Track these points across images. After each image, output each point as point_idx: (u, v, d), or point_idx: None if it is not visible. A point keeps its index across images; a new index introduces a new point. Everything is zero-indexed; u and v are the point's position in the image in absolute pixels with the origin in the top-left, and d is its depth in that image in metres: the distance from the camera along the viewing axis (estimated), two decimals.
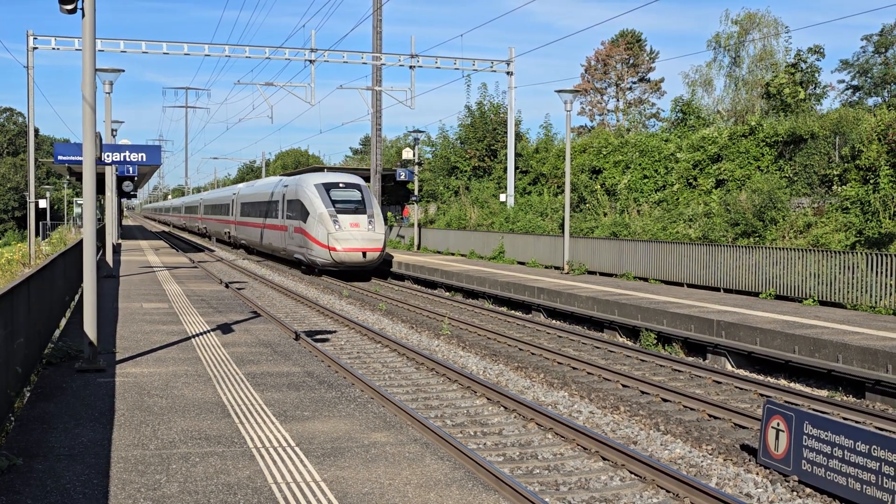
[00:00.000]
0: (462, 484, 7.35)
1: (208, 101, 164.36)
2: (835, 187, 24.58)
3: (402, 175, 41.46)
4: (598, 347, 17.75)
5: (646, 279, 24.83)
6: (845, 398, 13.23)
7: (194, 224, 79.54)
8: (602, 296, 20.75)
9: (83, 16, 11.91)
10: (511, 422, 11.57)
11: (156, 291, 23.16)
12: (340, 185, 34.43)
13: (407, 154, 45.80)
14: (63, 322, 17.71)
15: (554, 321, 21.83)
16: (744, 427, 11.18)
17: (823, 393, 13.60)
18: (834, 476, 8.47)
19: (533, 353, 16.68)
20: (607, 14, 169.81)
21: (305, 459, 8.00)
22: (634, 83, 69.91)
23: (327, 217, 32.86)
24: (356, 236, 32.46)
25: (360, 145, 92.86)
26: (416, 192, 41.88)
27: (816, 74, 32.24)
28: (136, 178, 39.49)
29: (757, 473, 9.28)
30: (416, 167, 41.99)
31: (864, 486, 8.12)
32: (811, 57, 32.38)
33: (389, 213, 48.93)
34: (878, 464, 8.01)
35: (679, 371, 15.22)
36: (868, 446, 8.13)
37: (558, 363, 15.76)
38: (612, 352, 17.27)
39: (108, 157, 19.21)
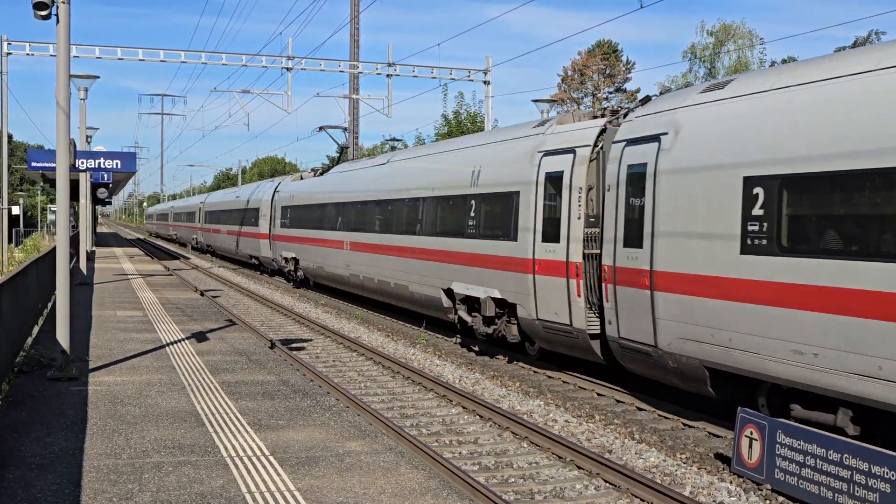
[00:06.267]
0: (437, 493, 7.35)
1: (184, 107, 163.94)
2: None
3: None
4: None
5: None
6: None
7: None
8: None
9: (57, 22, 11.85)
10: (487, 430, 11.57)
11: (130, 299, 23.00)
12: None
13: None
14: (36, 330, 17.54)
15: None
16: (717, 436, 11.24)
17: None
18: (806, 484, 8.53)
19: (509, 362, 16.68)
20: (584, 24, 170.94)
21: (280, 468, 7.97)
22: (611, 93, 70.22)
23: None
24: None
25: (337, 153, 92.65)
26: None
27: None
28: (111, 185, 39.25)
29: (731, 482, 9.32)
30: None
31: (836, 495, 8.19)
32: None
33: None
34: (849, 472, 8.08)
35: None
36: (840, 455, 8.20)
37: (534, 372, 15.78)
38: None
39: (82, 163, 19.12)
